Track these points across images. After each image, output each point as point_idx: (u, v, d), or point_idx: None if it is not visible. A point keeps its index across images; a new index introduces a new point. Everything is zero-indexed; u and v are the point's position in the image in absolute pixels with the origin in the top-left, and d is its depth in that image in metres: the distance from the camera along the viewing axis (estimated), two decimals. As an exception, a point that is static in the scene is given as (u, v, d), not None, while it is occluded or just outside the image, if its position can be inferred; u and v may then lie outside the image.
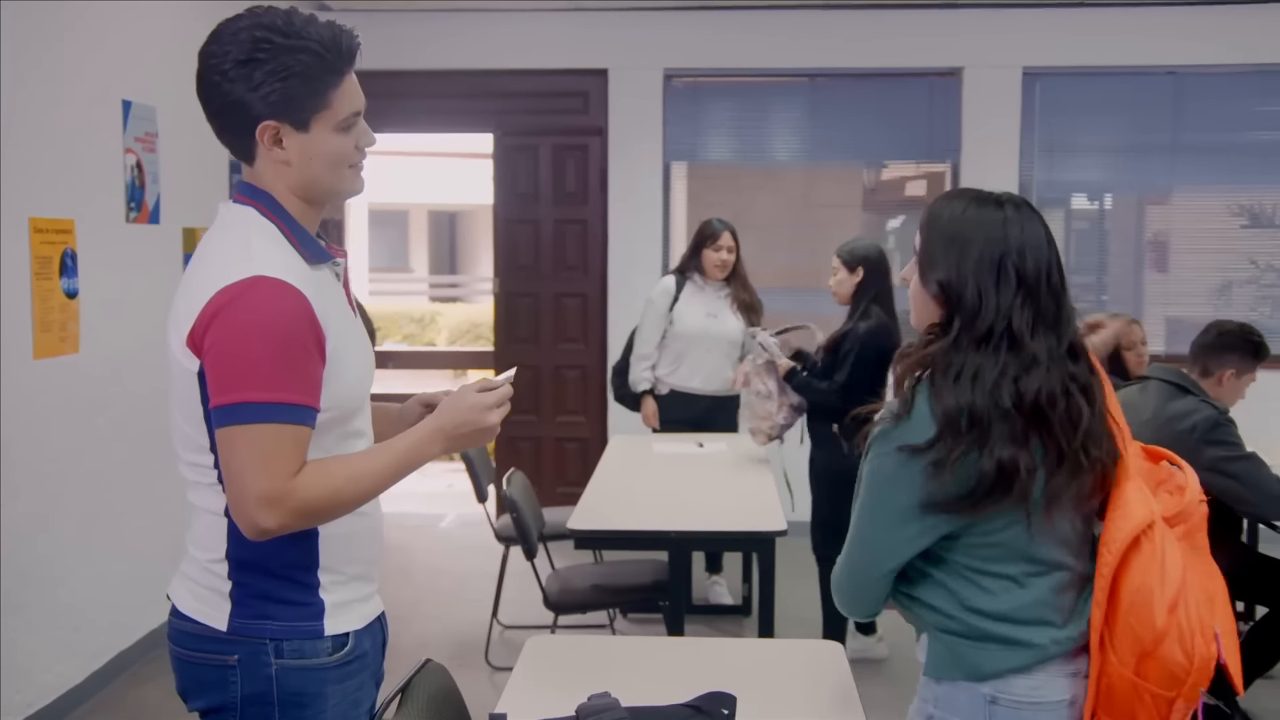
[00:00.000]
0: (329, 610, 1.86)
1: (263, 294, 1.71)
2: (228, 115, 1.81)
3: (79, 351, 4.29)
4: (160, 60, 4.95)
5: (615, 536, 3.86)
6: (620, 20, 6.81)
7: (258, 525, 1.71)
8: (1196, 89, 6.80)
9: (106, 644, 4.53)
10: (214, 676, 1.84)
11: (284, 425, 1.71)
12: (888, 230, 7.28)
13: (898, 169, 7.34)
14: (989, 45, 6.72)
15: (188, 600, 1.89)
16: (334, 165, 1.86)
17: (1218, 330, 4.03)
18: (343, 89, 1.84)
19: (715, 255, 5.24)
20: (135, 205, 4.72)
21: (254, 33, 1.78)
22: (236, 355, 1.70)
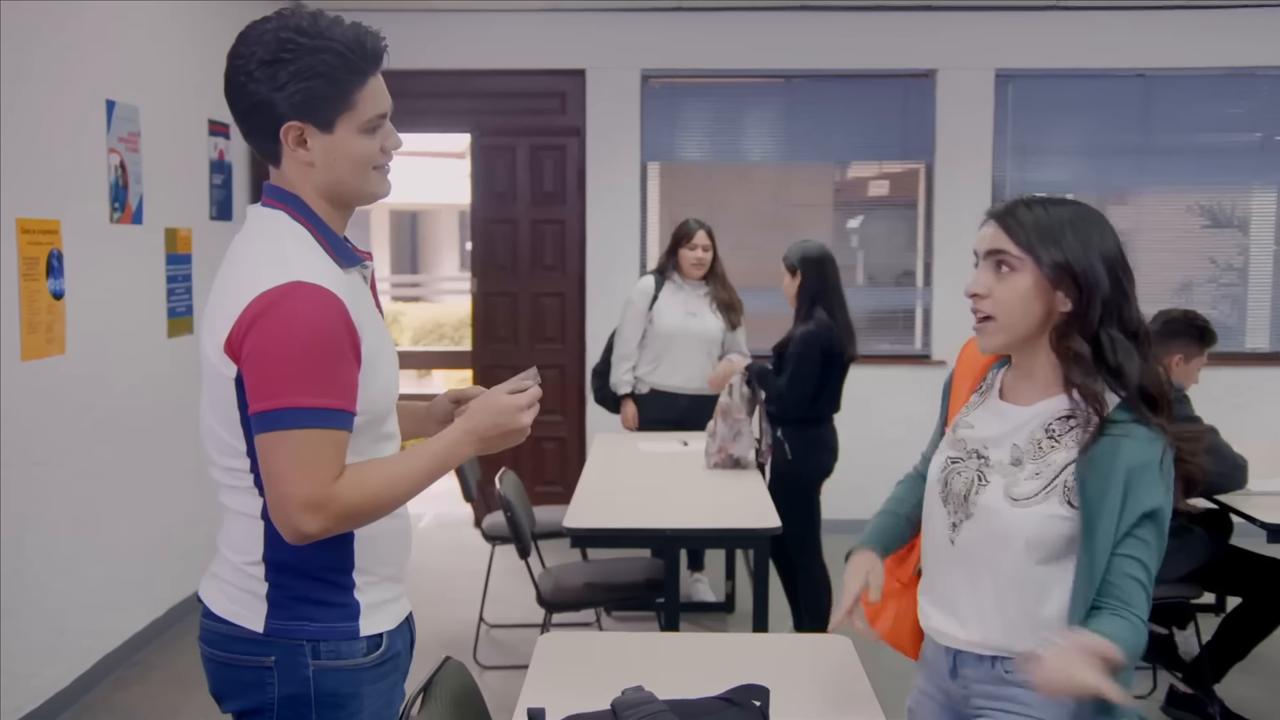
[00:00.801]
0: (364, 611, 1.88)
1: (301, 299, 1.72)
2: (254, 116, 1.82)
3: (65, 353, 4.26)
4: (142, 60, 4.93)
5: (611, 535, 3.88)
6: (597, 21, 6.84)
7: (300, 530, 1.72)
8: (1164, 91, 6.93)
9: (93, 647, 4.51)
10: (250, 678, 1.85)
11: (325, 430, 1.72)
12: (848, 229, 7.35)
13: (869, 168, 7.41)
14: (962, 47, 6.81)
15: (222, 602, 1.89)
16: (358, 167, 1.86)
17: (1164, 319, 4.13)
18: (367, 90, 1.83)
19: (691, 254, 5.29)
20: (119, 206, 4.69)
21: (279, 34, 1.78)
22: (276, 361, 1.70)
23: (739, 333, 5.35)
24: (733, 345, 5.33)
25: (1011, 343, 1.94)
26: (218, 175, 5.65)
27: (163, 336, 5.07)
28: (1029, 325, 1.90)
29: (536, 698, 2.26)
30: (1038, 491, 1.87)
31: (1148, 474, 1.79)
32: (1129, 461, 1.79)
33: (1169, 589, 4.03)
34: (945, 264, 6.94)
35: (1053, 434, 1.89)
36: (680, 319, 5.31)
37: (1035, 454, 1.90)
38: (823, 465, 4.63)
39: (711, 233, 5.33)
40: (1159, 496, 1.80)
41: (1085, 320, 1.85)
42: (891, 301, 7.20)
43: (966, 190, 6.89)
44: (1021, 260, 1.88)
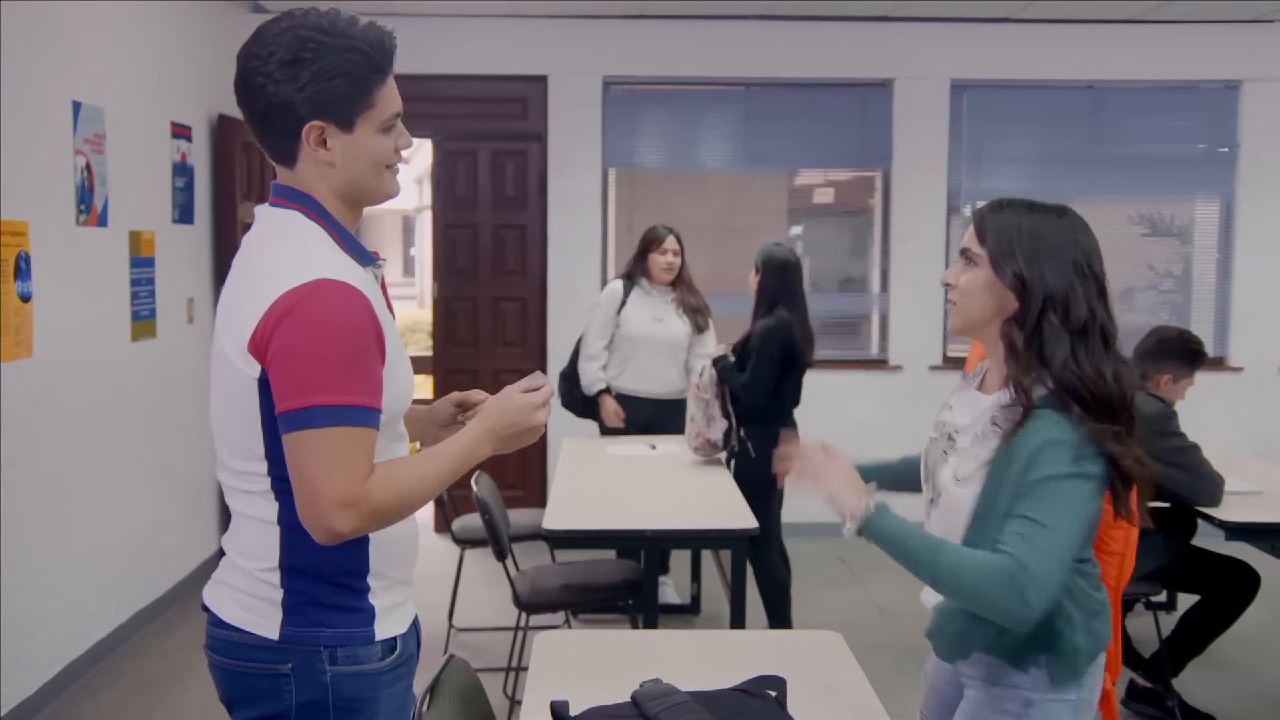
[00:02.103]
0: (379, 615, 1.87)
1: (328, 297, 1.71)
2: (273, 116, 1.80)
3: (33, 356, 4.21)
4: (108, 62, 4.88)
5: (591, 536, 3.91)
6: (560, 27, 6.87)
7: (333, 529, 1.71)
8: (1112, 102, 7.10)
9: (59, 653, 4.45)
10: (266, 686, 1.83)
11: (357, 428, 1.71)
12: (791, 236, 7.44)
13: (824, 176, 7.51)
14: (919, 58, 6.94)
15: (233, 610, 1.86)
16: (376, 166, 1.86)
17: (1158, 337, 4.24)
18: (386, 89, 1.84)
19: (661, 259, 5.34)
20: (85, 208, 4.64)
21: (299, 33, 1.77)
22: (306, 359, 1.69)
23: (707, 335, 5.40)
24: (701, 349, 5.37)
25: (968, 327, 2.12)
26: (180, 178, 5.60)
27: (127, 340, 5.02)
28: (982, 314, 2.07)
29: (542, 694, 2.28)
30: (972, 473, 2.02)
31: (1054, 450, 1.89)
32: (1033, 443, 1.91)
33: (1131, 586, 4.14)
34: (902, 270, 7.06)
35: (995, 421, 2.02)
36: (647, 324, 5.36)
37: (981, 439, 2.04)
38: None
39: (680, 238, 5.38)
40: (1060, 467, 1.88)
41: (1026, 317, 1.98)
42: (846, 307, 7.30)
43: (922, 197, 7.01)
44: (980, 257, 2.05)
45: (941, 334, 7.09)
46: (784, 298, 4.72)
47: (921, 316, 7.07)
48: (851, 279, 7.37)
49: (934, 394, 6.85)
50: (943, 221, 7.05)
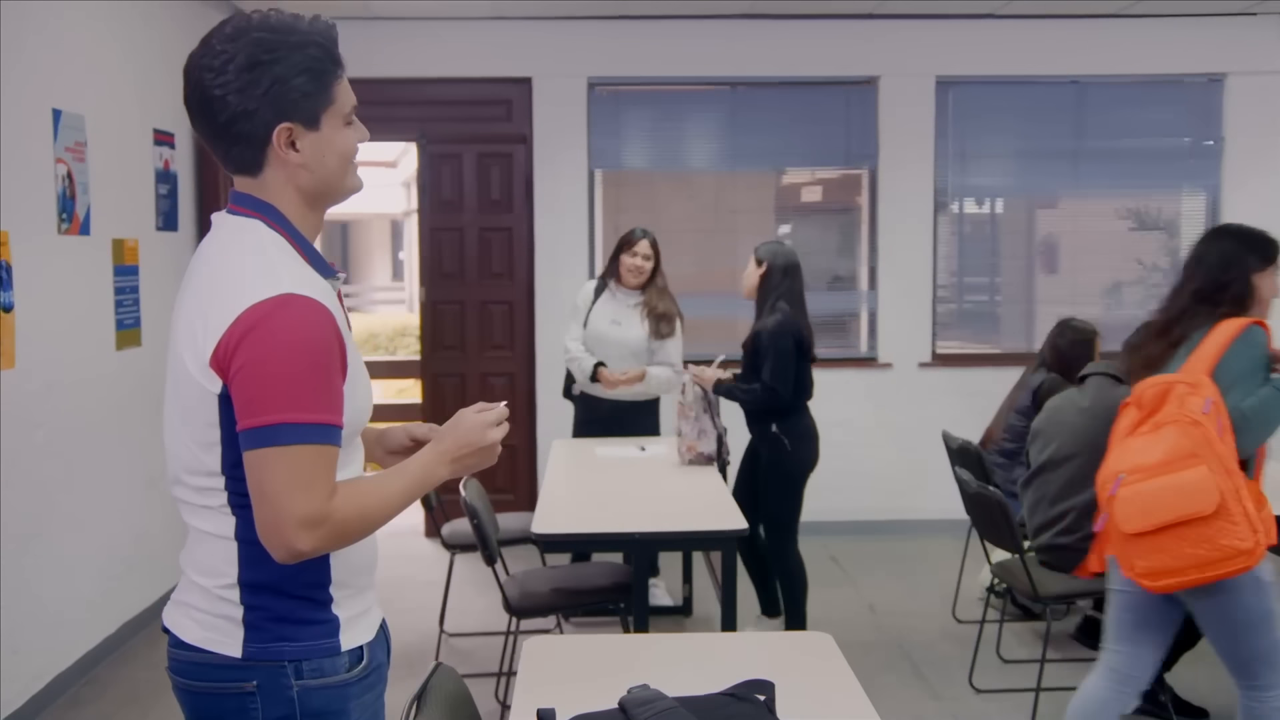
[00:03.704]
0: (343, 625, 1.83)
1: (294, 313, 1.67)
2: (238, 126, 1.75)
3: (14, 366, 4.17)
4: (88, 69, 4.85)
5: (580, 540, 3.89)
6: (543, 29, 6.85)
7: (294, 548, 1.67)
8: (1097, 97, 7.11)
9: (44, 667, 4.41)
10: (231, 705, 1.78)
11: (320, 446, 1.68)
12: (779, 234, 7.44)
13: (810, 175, 7.50)
14: (904, 55, 6.93)
15: (192, 630, 1.81)
16: (344, 161, 1.84)
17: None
18: (342, 82, 1.83)
19: (631, 261, 5.28)
20: (67, 216, 4.61)
21: (251, 36, 1.74)
22: (270, 376, 1.65)
23: (669, 344, 5.28)
24: (662, 356, 5.30)
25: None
26: (163, 185, 5.56)
27: (111, 349, 4.98)
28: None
29: (530, 701, 2.27)
30: None
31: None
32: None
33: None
34: (890, 268, 7.05)
35: None
36: (605, 326, 5.33)
37: None
38: (813, 455, 4.82)
39: (655, 243, 5.33)
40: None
41: None
42: (835, 305, 7.29)
43: (909, 195, 7.01)
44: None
45: (930, 331, 7.08)
46: (787, 295, 4.76)
47: (910, 314, 7.06)
48: (840, 277, 7.36)
49: (924, 391, 6.96)
50: (930, 219, 7.05)
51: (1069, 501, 4.17)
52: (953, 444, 5.21)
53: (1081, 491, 4.13)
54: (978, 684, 4.56)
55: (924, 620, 5.41)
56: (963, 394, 6.78)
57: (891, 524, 6.89)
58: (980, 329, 7.43)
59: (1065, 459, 4.19)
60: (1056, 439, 4.25)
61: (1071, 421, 4.21)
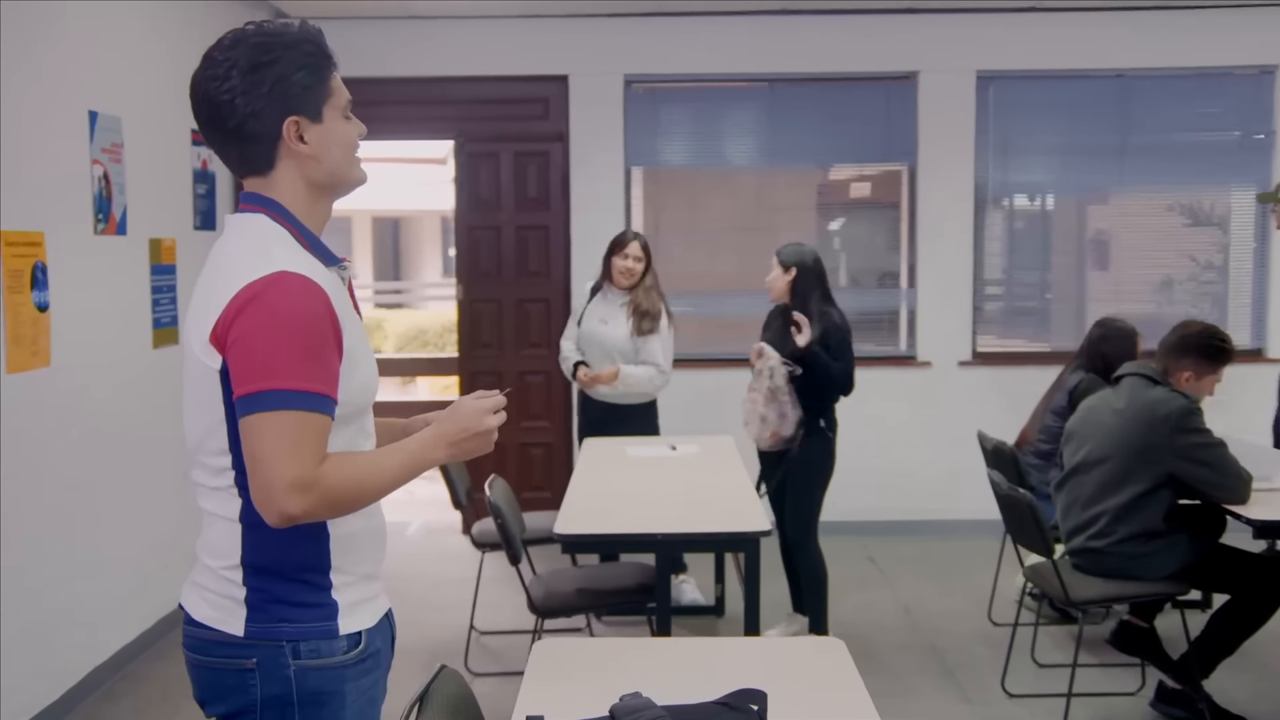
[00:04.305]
0: (342, 610, 1.91)
1: (287, 288, 1.76)
2: (248, 127, 1.86)
3: (50, 365, 4.24)
4: (125, 71, 4.91)
5: (602, 540, 3.88)
6: (580, 27, 6.85)
7: (285, 512, 1.72)
8: (1143, 91, 6.98)
9: (80, 661, 4.48)
10: (233, 681, 1.87)
11: (310, 414, 1.73)
12: (830, 230, 7.38)
13: (852, 171, 7.43)
14: (944, 50, 6.85)
15: (202, 608, 1.91)
16: (348, 151, 1.95)
17: (1180, 332, 4.15)
18: (336, 78, 1.94)
19: (622, 263, 5.33)
20: (103, 217, 4.67)
21: (249, 43, 1.86)
22: (262, 346, 1.73)
23: (651, 341, 5.30)
24: (645, 354, 5.31)
25: None
26: (201, 185, 5.63)
27: (148, 347, 5.05)
28: None
29: (532, 705, 2.26)
30: None
31: None
32: None
33: (1154, 586, 4.07)
34: (930, 265, 6.97)
35: None
36: (595, 325, 5.42)
37: None
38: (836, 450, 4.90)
39: (647, 246, 5.38)
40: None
41: None
42: (874, 303, 7.22)
43: (949, 192, 6.92)
44: None
45: (971, 329, 6.99)
46: (823, 294, 4.82)
47: (950, 312, 6.98)
48: (880, 275, 7.29)
49: (963, 390, 6.87)
50: (971, 216, 6.96)
51: (1103, 504, 4.09)
52: (987, 444, 5.14)
53: (1116, 494, 4.05)
54: (1010, 688, 4.50)
55: (959, 622, 5.34)
56: (1003, 393, 6.68)
57: (929, 524, 6.82)
58: (1029, 327, 7.32)
59: (1099, 461, 4.11)
60: (1090, 441, 4.17)
61: (1106, 423, 4.13)
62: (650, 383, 5.32)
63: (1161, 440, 3.95)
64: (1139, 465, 4.00)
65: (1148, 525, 4.02)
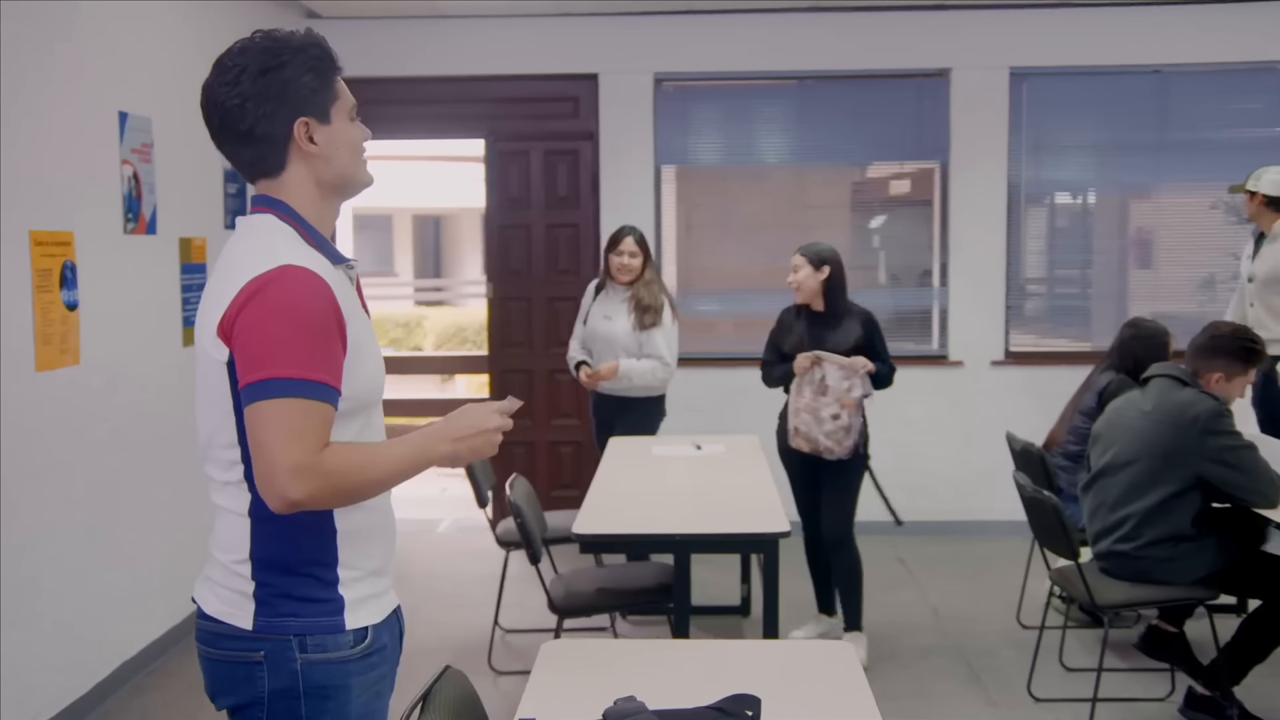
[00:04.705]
0: (348, 605, 1.94)
1: (291, 280, 1.80)
2: (259, 129, 1.91)
3: (79, 363, 4.30)
4: (155, 72, 4.96)
5: (620, 540, 3.88)
6: (609, 25, 6.84)
7: (287, 497, 1.75)
8: (1181, 87, 6.87)
9: (109, 655, 4.54)
10: (242, 674, 1.91)
11: (313, 401, 1.77)
12: (879, 227, 7.33)
13: (886, 168, 7.38)
14: (976, 46, 6.78)
15: (213, 602, 1.95)
16: (355, 153, 2.01)
17: (1211, 333, 4.09)
18: (341, 82, 2.01)
19: (618, 260, 5.36)
20: (133, 216, 4.72)
21: (258, 47, 1.93)
22: (267, 335, 1.77)
23: (655, 335, 5.30)
24: (649, 348, 5.32)
25: None
26: (232, 184, 5.68)
27: (178, 345, 5.10)
28: None
29: (537, 706, 2.27)
30: None
31: None
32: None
33: (1182, 591, 4.01)
34: (961, 264, 6.91)
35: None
36: (599, 322, 5.46)
37: None
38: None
39: (643, 240, 5.40)
40: None
41: None
42: (906, 302, 7.16)
43: (981, 190, 6.86)
44: None
45: (1003, 329, 6.92)
46: (847, 293, 4.84)
47: (983, 311, 6.91)
48: (912, 273, 7.24)
49: (995, 390, 6.80)
50: (1004, 214, 6.89)
51: (1129, 507, 4.04)
52: (1015, 445, 5.09)
53: (1143, 497, 4.00)
54: (1036, 692, 4.45)
55: (987, 625, 5.30)
56: (1036, 393, 6.61)
57: (960, 525, 6.76)
58: (1069, 325, 7.23)
59: (1126, 464, 4.06)
60: (1117, 443, 4.12)
61: (1133, 425, 4.08)
62: (654, 375, 5.32)
63: (1190, 442, 3.89)
64: (1167, 468, 3.94)
65: (1176, 529, 3.97)
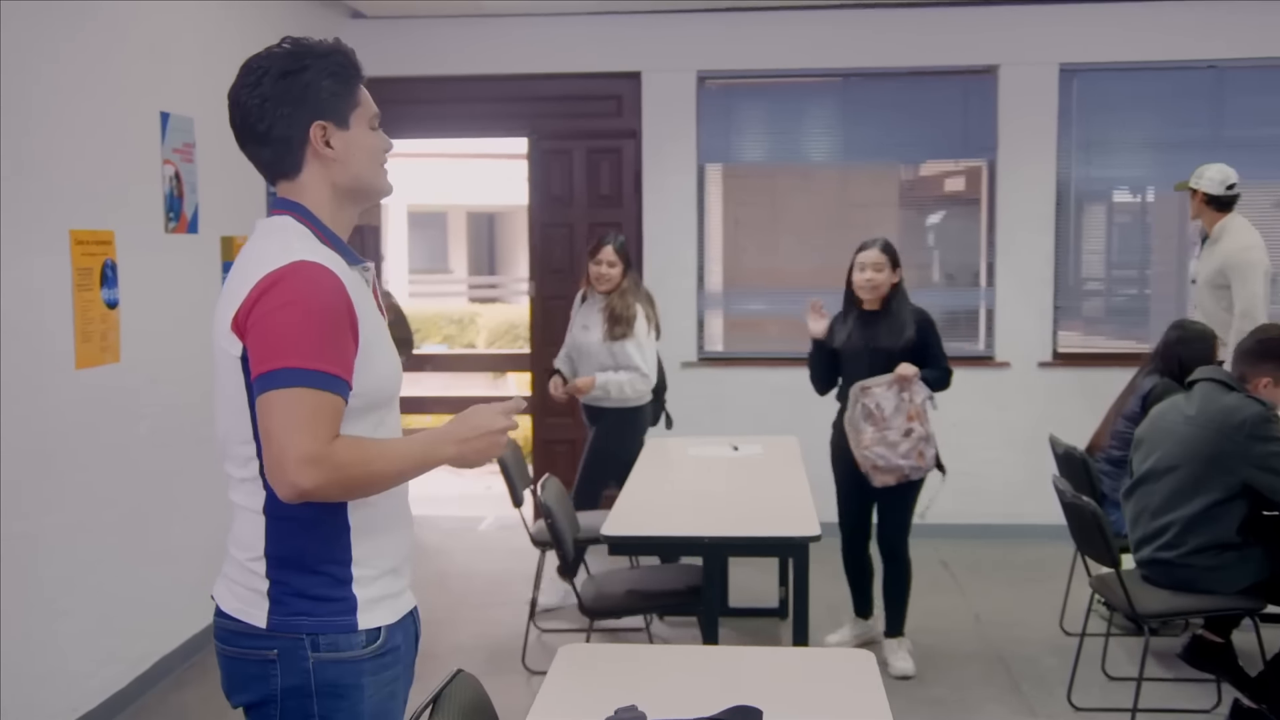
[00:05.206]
0: (361, 605, 1.94)
1: (304, 274, 1.83)
2: (278, 130, 1.95)
3: (120, 360, 4.35)
4: (198, 72, 5.01)
5: (649, 542, 3.86)
6: (652, 23, 6.82)
7: (297, 485, 1.76)
8: (1238, 82, 6.71)
9: (150, 648, 4.60)
10: (256, 671, 1.93)
11: (323, 393, 1.79)
12: (928, 226, 7.24)
13: (934, 166, 7.29)
14: (1025, 42, 6.67)
15: (229, 600, 1.98)
16: (373, 159, 2.03)
17: (1260, 336, 3.99)
18: (364, 90, 2.03)
19: (596, 269, 5.32)
20: (174, 215, 4.78)
21: (283, 51, 1.98)
22: (279, 327, 1.80)
23: (627, 345, 5.23)
24: (622, 359, 5.24)
25: None
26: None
27: (219, 343, 5.15)
28: None
29: (547, 712, 2.25)
30: None
31: None
32: None
33: (1226, 600, 3.91)
34: (1008, 264, 6.81)
35: None
36: (578, 332, 5.44)
37: None
38: None
39: (622, 248, 5.34)
40: None
41: None
42: (953, 302, 7.07)
43: (1030, 188, 6.75)
44: None
45: (1051, 329, 6.81)
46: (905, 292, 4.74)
47: (1030, 311, 6.80)
48: (960, 272, 7.14)
49: (1043, 391, 6.69)
50: (1052, 213, 6.77)
51: (1172, 514, 3.95)
52: (1058, 449, 5.00)
53: (1186, 504, 3.91)
54: (1077, 700, 4.36)
55: (1030, 631, 5.21)
56: (1085, 395, 6.48)
57: (1006, 528, 6.66)
58: (1126, 326, 7.08)
59: (1168, 470, 3.97)
60: (1160, 448, 4.03)
61: (1176, 430, 3.98)
62: (631, 387, 5.24)
63: (1235, 448, 3.80)
64: (1211, 474, 3.85)
65: (1220, 537, 3.88)
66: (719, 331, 7.22)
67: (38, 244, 3.89)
